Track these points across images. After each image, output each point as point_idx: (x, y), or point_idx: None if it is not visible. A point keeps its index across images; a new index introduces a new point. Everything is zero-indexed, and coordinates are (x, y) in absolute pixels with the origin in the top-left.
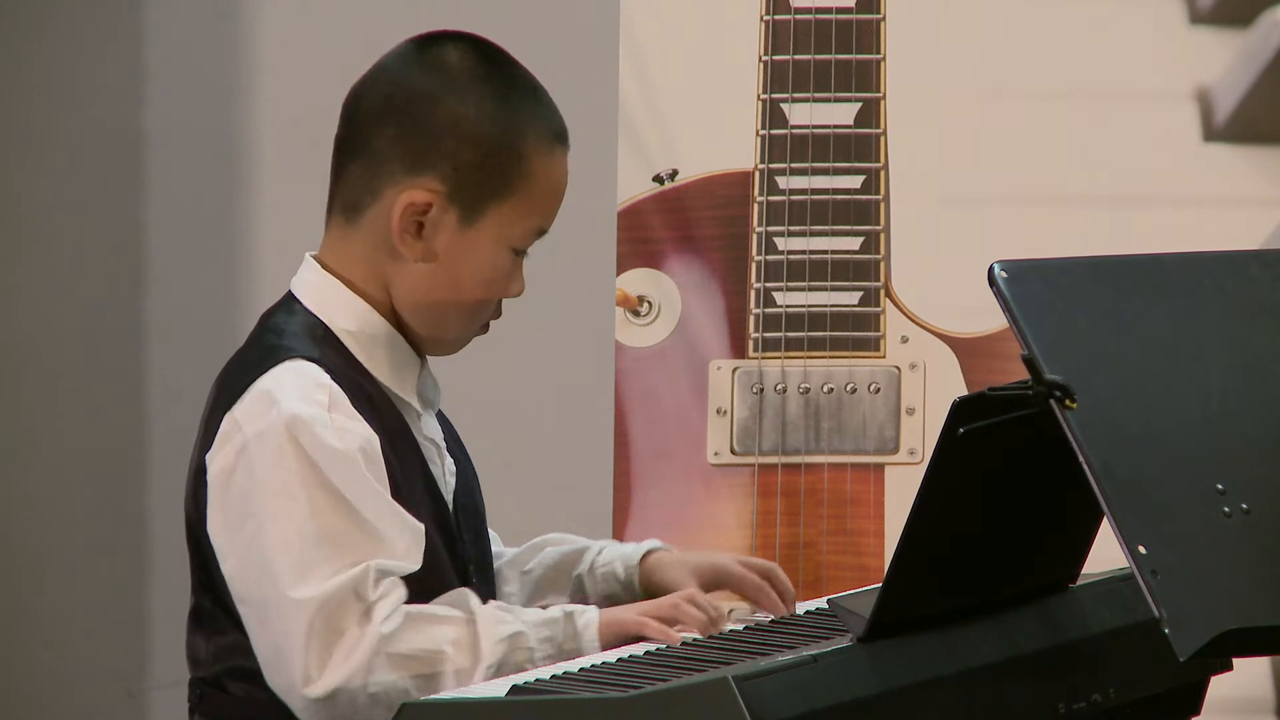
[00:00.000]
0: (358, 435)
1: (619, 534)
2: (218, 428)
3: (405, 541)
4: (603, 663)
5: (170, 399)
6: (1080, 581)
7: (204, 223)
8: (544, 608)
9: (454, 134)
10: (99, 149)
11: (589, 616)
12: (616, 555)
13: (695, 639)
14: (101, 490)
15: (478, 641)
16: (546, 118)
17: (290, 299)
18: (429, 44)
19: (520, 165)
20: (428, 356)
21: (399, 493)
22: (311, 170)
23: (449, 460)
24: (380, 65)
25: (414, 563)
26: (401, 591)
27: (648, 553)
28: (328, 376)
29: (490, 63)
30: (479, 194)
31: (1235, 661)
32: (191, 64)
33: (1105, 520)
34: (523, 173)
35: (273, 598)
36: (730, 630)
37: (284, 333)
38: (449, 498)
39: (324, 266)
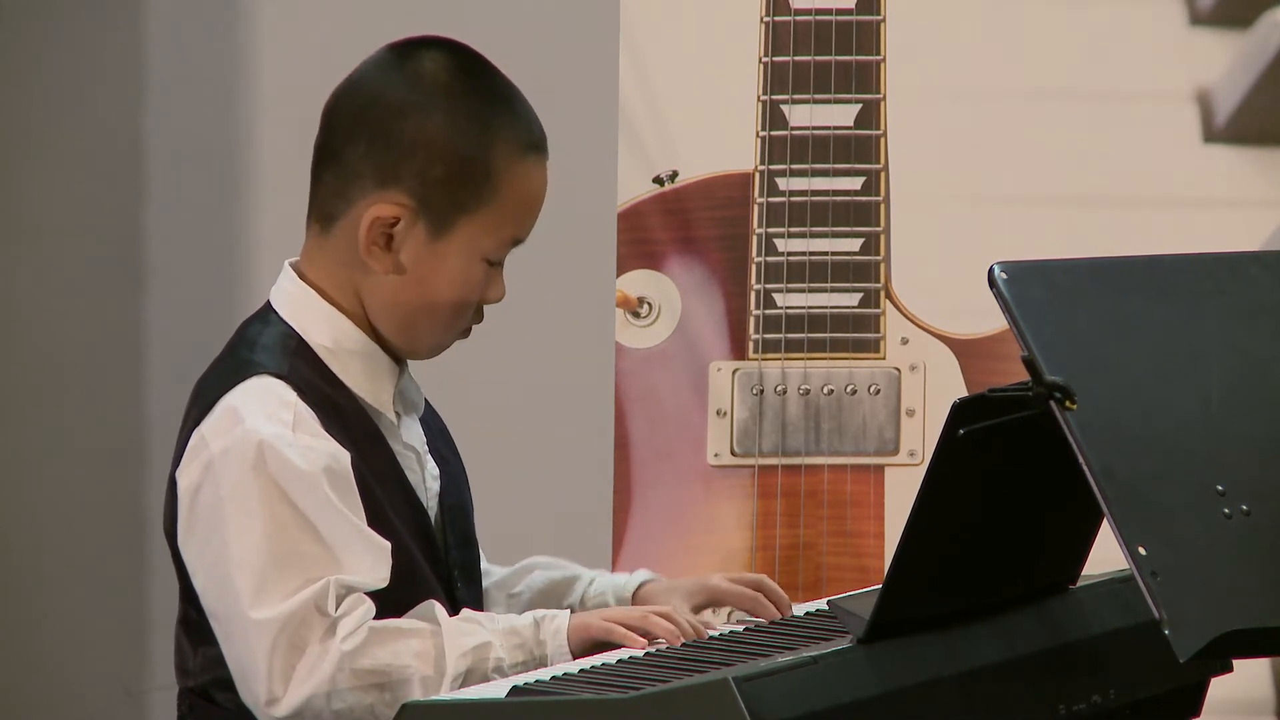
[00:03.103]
0: (323, 453)
1: (619, 534)
2: (188, 442)
3: (369, 559)
4: (603, 664)
5: (170, 399)
6: (1080, 583)
7: (204, 223)
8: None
9: (422, 149)
10: (99, 149)
11: (558, 623)
12: (608, 586)
13: (696, 640)
14: (101, 490)
15: (442, 654)
16: (519, 128)
17: (267, 309)
18: (406, 53)
19: (490, 179)
20: (409, 361)
21: (373, 506)
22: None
23: (430, 464)
24: (358, 73)
25: (379, 580)
26: (367, 607)
27: (641, 584)
28: (294, 394)
29: (464, 74)
30: (447, 208)
31: (1235, 663)
32: (191, 64)
33: (1105, 521)
34: (492, 186)
35: (235, 617)
36: (730, 631)
37: (256, 345)
38: (431, 503)
39: (301, 275)
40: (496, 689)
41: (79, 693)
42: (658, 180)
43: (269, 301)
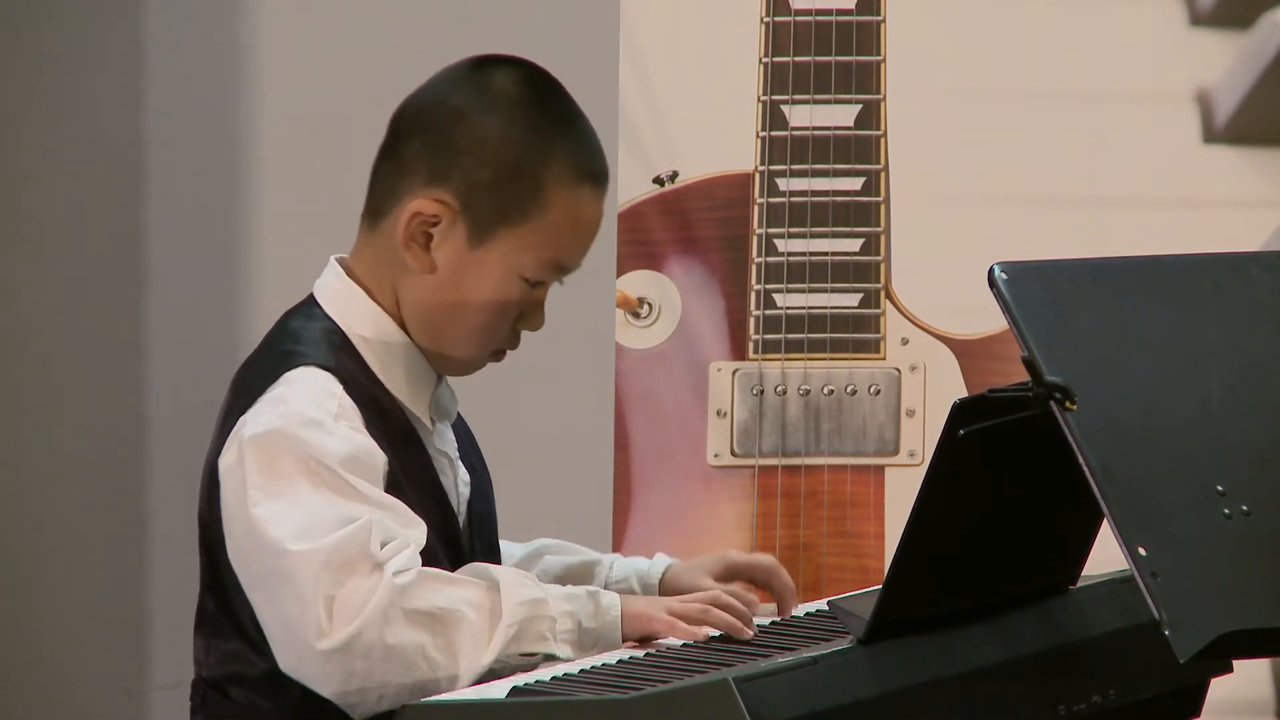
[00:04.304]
0: (359, 445)
1: (619, 535)
2: (231, 431)
3: (406, 518)
4: (603, 664)
5: (170, 399)
6: (1080, 583)
7: (204, 223)
8: None
9: (474, 151)
10: (99, 149)
11: (611, 598)
12: (630, 571)
13: (695, 641)
14: (101, 490)
15: (498, 605)
16: (579, 153)
17: (311, 302)
18: (482, 64)
19: (536, 194)
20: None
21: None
22: (311, 170)
23: (462, 470)
24: (431, 79)
25: (418, 537)
26: (413, 550)
27: (665, 569)
28: (340, 388)
29: (533, 90)
30: (490, 215)
31: (1235, 663)
32: (191, 64)
33: (1105, 521)
34: (539, 201)
35: (274, 562)
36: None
37: (301, 338)
38: (461, 509)
39: (348, 271)
40: (496, 689)
41: (79, 693)
42: (658, 180)
43: (312, 295)
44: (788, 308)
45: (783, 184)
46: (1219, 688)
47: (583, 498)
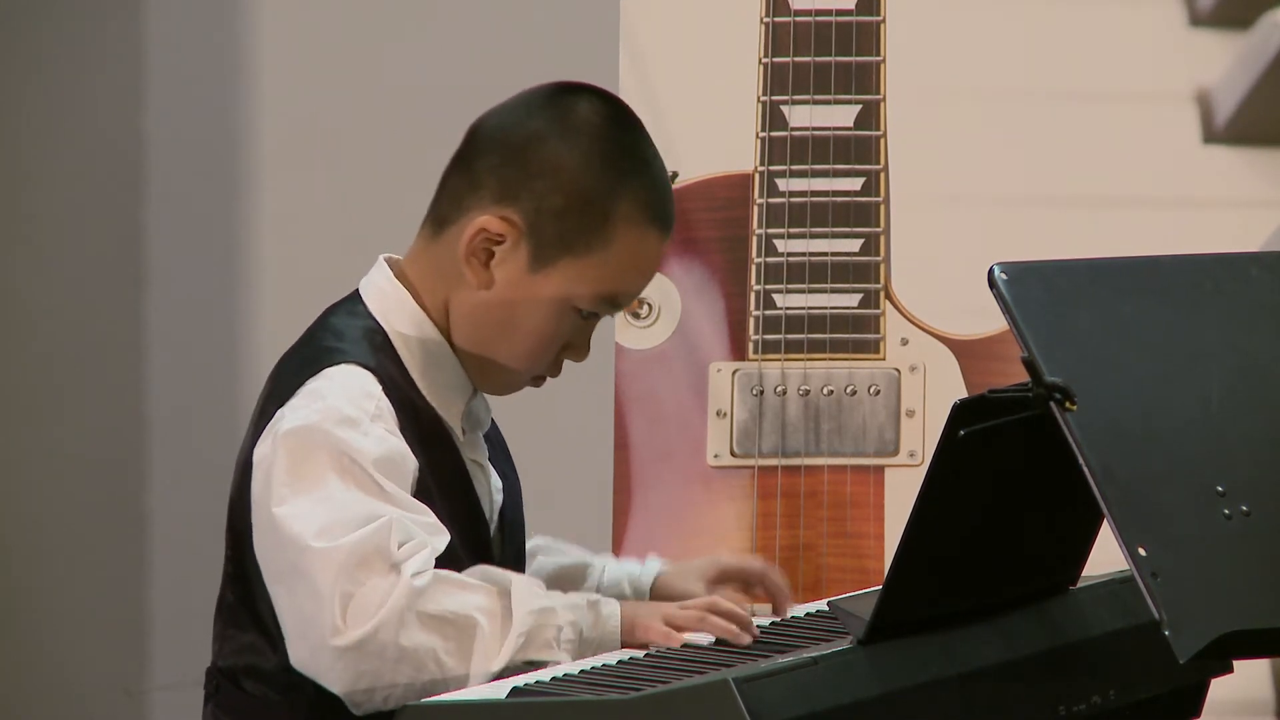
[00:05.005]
0: (392, 448)
1: (619, 535)
2: (267, 422)
3: (432, 527)
4: (603, 665)
5: (170, 399)
6: (1080, 583)
7: (204, 223)
8: None
9: (548, 177)
10: (99, 150)
11: (612, 607)
12: (623, 575)
13: (695, 641)
14: (101, 490)
15: (508, 612)
16: (652, 193)
17: (355, 299)
18: (566, 90)
19: (604, 227)
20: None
21: (433, 509)
22: (311, 170)
23: (494, 477)
24: (513, 98)
25: (439, 541)
26: (430, 550)
27: (656, 574)
28: (379, 388)
29: (613, 123)
30: (555, 242)
31: (1235, 663)
32: (191, 64)
33: (1105, 522)
34: (605, 236)
35: (295, 557)
36: None
37: (343, 336)
38: (494, 516)
39: (400, 275)
40: (496, 690)
41: (79, 693)
42: None
43: (357, 292)
44: (787, 308)
45: (782, 184)
46: (1219, 688)
47: (583, 498)
